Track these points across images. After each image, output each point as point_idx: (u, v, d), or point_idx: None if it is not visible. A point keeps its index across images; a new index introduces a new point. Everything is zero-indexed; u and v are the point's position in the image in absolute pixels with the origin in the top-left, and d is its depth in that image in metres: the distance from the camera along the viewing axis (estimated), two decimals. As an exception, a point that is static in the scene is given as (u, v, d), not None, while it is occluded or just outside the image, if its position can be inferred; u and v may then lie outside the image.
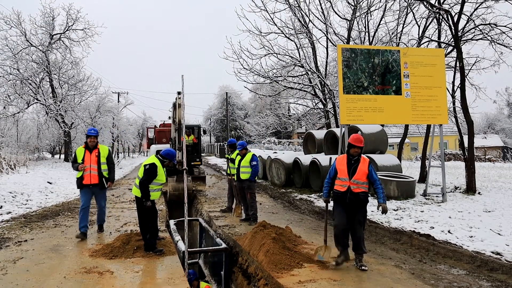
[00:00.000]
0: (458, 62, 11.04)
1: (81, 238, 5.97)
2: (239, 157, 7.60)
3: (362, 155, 4.77)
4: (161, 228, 7.06)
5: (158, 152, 6.41)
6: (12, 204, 9.51)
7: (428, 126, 13.41)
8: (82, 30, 22.10)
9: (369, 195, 4.97)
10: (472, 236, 6.20)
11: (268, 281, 4.47)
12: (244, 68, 15.44)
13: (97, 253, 5.28)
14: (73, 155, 5.46)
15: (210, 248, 6.39)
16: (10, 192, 10.48)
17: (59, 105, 21.04)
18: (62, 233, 6.66)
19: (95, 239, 6.14)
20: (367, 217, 7.88)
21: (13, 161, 15.22)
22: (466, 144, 11.11)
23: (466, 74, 11.41)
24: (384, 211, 4.61)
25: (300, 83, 17.05)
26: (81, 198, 6.15)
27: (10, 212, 8.66)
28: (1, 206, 9.05)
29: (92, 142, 6.03)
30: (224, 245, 5.90)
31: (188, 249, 5.80)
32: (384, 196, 4.68)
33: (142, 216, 5.41)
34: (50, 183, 13.57)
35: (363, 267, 4.60)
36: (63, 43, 22.19)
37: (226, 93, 47.90)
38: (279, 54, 15.87)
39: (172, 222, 7.73)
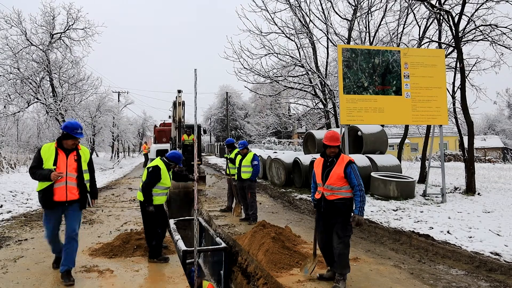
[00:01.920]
0: (458, 63, 11.06)
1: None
2: (240, 157, 7.61)
3: (344, 154, 4.11)
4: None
5: (158, 152, 6.02)
6: (12, 203, 9.53)
7: (428, 127, 13.43)
8: (82, 29, 22.10)
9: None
10: (471, 237, 6.21)
11: (268, 280, 4.48)
12: (244, 67, 15.46)
13: (97, 252, 5.30)
14: (36, 154, 4.06)
15: (210, 247, 6.40)
16: (11, 191, 10.50)
17: (59, 105, 21.05)
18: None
19: (95, 238, 6.15)
20: (366, 218, 7.93)
21: (13, 160, 15.26)
22: (466, 145, 11.13)
23: (466, 75, 11.42)
24: (358, 224, 3.85)
25: (300, 83, 17.06)
26: (44, 222, 4.24)
27: (10, 211, 8.68)
28: (2, 205, 9.07)
29: (73, 145, 4.14)
30: (223, 245, 5.90)
31: (187, 249, 5.82)
32: (361, 206, 3.85)
33: (147, 221, 5.06)
34: (50, 182, 13.57)
35: None
36: (64, 42, 22.19)
37: (227, 92, 47.91)
38: (279, 54, 15.89)
39: (172, 221, 7.73)
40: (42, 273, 4.48)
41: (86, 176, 4.23)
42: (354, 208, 3.92)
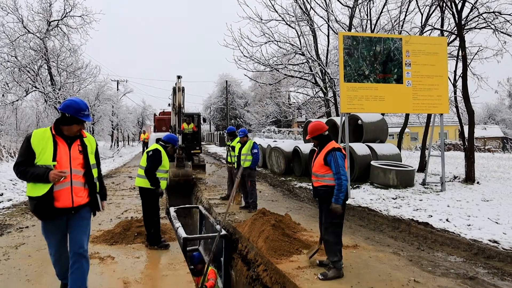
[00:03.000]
0: (460, 51, 10.96)
1: None
2: (239, 145, 7.60)
3: (332, 142, 4.05)
4: (161, 215, 7.10)
5: (158, 140, 5.94)
6: (13, 192, 9.55)
7: (429, 116, 13.38)
8: (80, 16, 21.81)
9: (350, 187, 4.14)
10: (470, 225, 6.25)
11: (268, 267, 4.52)
12: (244, 55, 15.31)
13: (98, 239, 5.33)
14: (23, 145, 3.01)
15: (210, 234, 6.45)
16: (11, 180, 10.52)
17: (58, 93, 20.92)
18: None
19: (96, 226, 6.18)
20: (366, 206, 7.97)
21: (13, 149, 15.22)
22: (466, 134, 11.11)
23: (468, 63, 11.33)
24: (334, 212, 3.85)
25: (300, 72, 16.93)
26: (46, 238, 3.17)
27: (11, 199, 8.71)
28: (2, 194, 9.09)
29: (77, 131, 3.14)
30: (224, 232, 5.94)
31: (187, 236, 5.85)
32: (337, 194, 3.82)
33: (147, 208, 5.03)
34: (50, 171, 13.59)
35: (318, 275, 3.95)
36: (61, 30, 21.90)
37: (226, 81, 47.62)
38: (279, 41, 15.71)
39: (172, 209, 7.77)
40: (43, 260, 4.50)
41: (95, 172, 3.25)
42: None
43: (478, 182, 10.16)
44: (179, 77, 11.77)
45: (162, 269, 4.34)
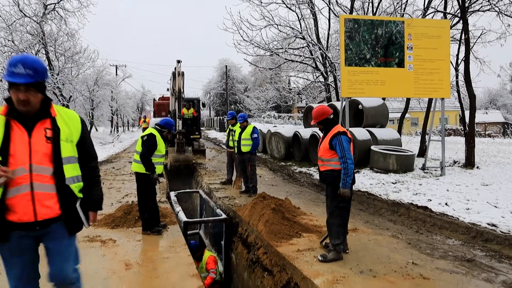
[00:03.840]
0: (463, 34, 10.79)
1: None
2: (239, 130, 7.57)
3: (338, 126, 4.08)
4: (162, 199, 7.15)
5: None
6: (13, 176, 9.58)
7: (430, 100, 13.30)
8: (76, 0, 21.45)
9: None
10: (468, 209, 6.28)
11: (268, 250, 4.57)
12: (244, 39, 15.12)
13: (99, 223, 5.37)
14: None
15: (210, 218, 6.50)
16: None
17: (56, 78, 20.76)
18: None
19: (97, 210, 6.22)
20: (365, 190, 8.01)
21: (12, 134, 15.19)
22: (467, 119, 11.06)
23: (471, 46, 11.18)
24: (342, 196, 3.88)
25: (301, 56, 16.74)
26: (5, 266, 2.22)
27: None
28: (3, 178, 9.12)
29: (26, 104, 2.08)
30: (224, 216, 5.98)
31: (188, 219, 5.90)
32: (344, 179, 3.84)
33: (142, 193, 5.03)
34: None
35: (318, 256, 4.00)
36: (58, 13, 21.55)
37: (226, 66, 47.18)
38: (279, 25, 15.48)
39: (172, 193, 7.81)
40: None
41: (74, 169, 2.24)
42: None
43: (477, 167, 10.18)
44: (178, 61, 11.65)
45: (163, 252, 4.39)
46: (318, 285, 3.34)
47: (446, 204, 6.59)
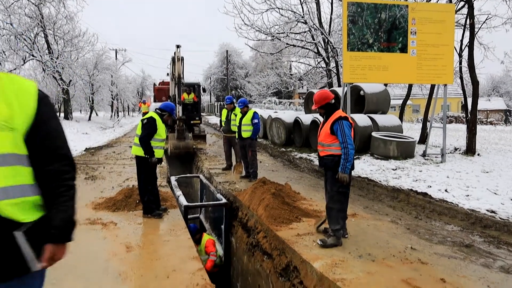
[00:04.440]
0: (468, 19, 10.61)
1: None
2: (240, 115, 7.52)
3: (339, 111, 4.07)
4: (162, 183, 7.17)
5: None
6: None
7: (432, 87, 13.19)
8: (75, -19, 21.06)
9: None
10: (468, 195, 6.30)
11: (267, 234, 4.60)
12: (245, 24, 14.89)
13: (100, 206, 5.40)
14: None
15: (211, 203, 6.53)
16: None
17: (55, 62, 20.58)
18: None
19: (98, 193, 6.25)
20: (365, 176, 8.02)
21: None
22: (469, 106, 10.99)
23: (475, 32, 10.99)
24: (341, 181, 3.87)
25: (302, 41, 16.52)
26: None
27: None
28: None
29: None
30: (224, 200, 6.01)
31: (189, 204, 5.93)
32: (344, 164, 3.84)
33: (141, 176, 5.05)
34: (51, 140, 13.63)
35: (317, 241, 4.01)
36: (57, -5, 21.21)
37: (227, 51, 46.68)
38: (281, 9, 15.22)
39: (173, 178, 7.84)
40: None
41: (13, 176, 1.38)
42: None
43: (478, 154, 10.17)
44: (178, 46, 11.49)
45: (163, 235, 4.43)
46: (317, 269, 3.37)
47: (445, 190, 6.60)
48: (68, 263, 3.52)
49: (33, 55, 20.23)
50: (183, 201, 5.89)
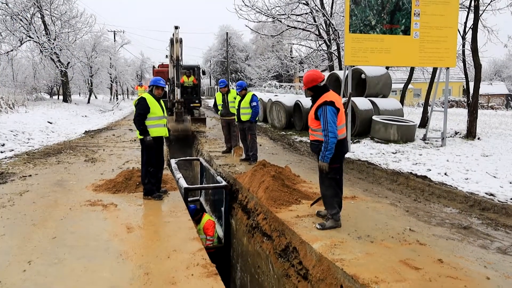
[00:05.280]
0: (473, 1, 10.40)
1: None
2: (238, 98, 7.45)
3: (327, 94, 3.81)
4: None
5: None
6: (14, 142, 9.59)
7: (434, 70, 13.05)
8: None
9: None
10: (467, 178, 6.32)
11: (267, 216, 4.63)
12: (245, 4, 14.60)
13: (100, 188, 5.42)
14: None
15: (211, 185, 6.56)
16: (11, 131, 10.52)
17: (53, 43, 20.29)
18: (65, 169, 6.78)
19: (98, 175, 6.26)
20: (365, 159, 8.03)
21: (11, 100, 15.06)
22: (471, 90, 10.89)
23: (480, 14, 10.79)
24: (319, 169, 3.82)
25: (303, 22, 16.23)
26: None
27: (13, 150, 8.76)
28: (4, 144, 9.13)
29: None
30: (224, 183, 6.03)
31: (189, 186, 5.95)
32: (324, 152, 3.69)
33: (142, 158, 5.02)
34: (51, 123, 13.59)
35: (316, 224, 3.98)
36: (52, -26, 20.72)
37: (227, 33, 45.96)
38: (283, -11, 14.89)
39: (173, 161, 7.84)
40: (47, 206, 4.61)
41: None
42: None
43: (479, 138, 10.16)
44: (176, 27, 11.28)
45: (164, 216, 4.45)
46: (316, 249, 3.40)
47: (445, 174, 6.62)
48: (69, 243, 3.57)
49: (30, 36, 19.94)
50: (183, 183, 5.91)
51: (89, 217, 4.28)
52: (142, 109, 4.81)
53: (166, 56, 15.16)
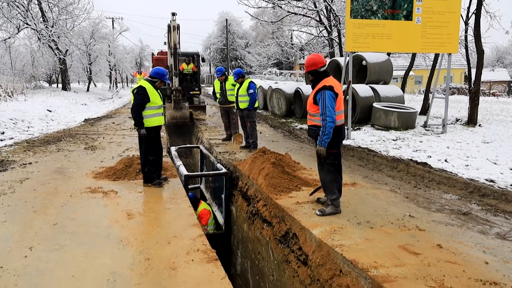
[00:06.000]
0: (476, -15, 10.20)
1: None
2: (237, 85, 7.39)
3: (326, 79, 3.78)
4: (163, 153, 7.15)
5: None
6: (13, 130, 9.57)
7: (436, 57, 12.92)
8: None
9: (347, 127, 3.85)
10: (468, 165, 6.32)
11: (267, 202, 4.64)
12: (245, -10, 14.36)
13: (100, 175, 5.42)
14: None
15: (211, 172, 6.56)
16: (11, 119, 10.48)
17: (51, 31, 20.05)
18: (65, 157, 6.78)
19: (98, 163, 6.26)
20: (366, 146, 8.02)
21: (10, 88, 14.96)
22: (473, 77, 10.80)
23: (483, -1, 10.60)
24: (317, 154, 3.84)
25: (304, 8, 16.00)
26: None
27: (12, 138, 8.75)
28: (3, 132, 9.12)
29: None
30: (224, 170, 6.03)
31: (189, 173, 5.95)
32: (322, 137, 3.69)
33: (141, 146, 4.98)
34: (50, 111, 13.54)
35: (316, 211, 3.99)
36: (48, -41, 20.34)
37: (226, 20, 45.37)
38: (283, -26, 14.63)
39: (173, 148, 7.84)
40: (48, 193, 4.62)
41: None
42: None
43: (479, 125, 10.12)
44: (173, 14, 11.10)
45: (164, 203, 4.47)
46: (316, 235, 3.42)
47: (445, 160, 6.61)
48: (69, 229, 3.59)
49: (27, 23, 19.68)
50: (183, 170, 5.91)
51: (89, 204, 4.30)
52: (141, 99, 4.74)
53: (165, 43, 15.01)
